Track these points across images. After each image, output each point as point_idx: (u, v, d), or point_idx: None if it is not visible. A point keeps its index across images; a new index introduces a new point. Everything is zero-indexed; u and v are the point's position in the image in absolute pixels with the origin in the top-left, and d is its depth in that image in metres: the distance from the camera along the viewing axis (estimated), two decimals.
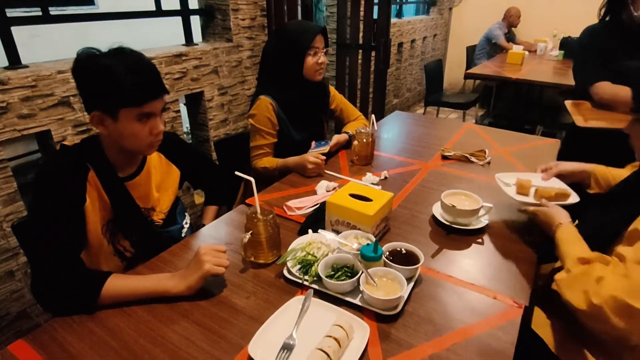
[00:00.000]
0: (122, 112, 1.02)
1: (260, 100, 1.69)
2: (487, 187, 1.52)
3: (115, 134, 1.06)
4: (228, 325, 0.92)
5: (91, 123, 1.06)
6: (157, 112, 1.08)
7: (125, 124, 1.04)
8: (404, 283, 0.96)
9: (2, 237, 1.75)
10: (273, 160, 1.73)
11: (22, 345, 0.88)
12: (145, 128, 1.06)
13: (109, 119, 1.04)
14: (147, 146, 1.11)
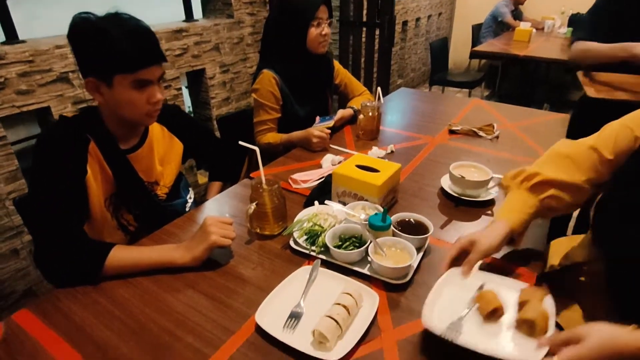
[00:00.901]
0: (117, 78, 0.98)
1: (263, 74, 1.65)
2: (496, 161, 1.49)
3: (112, 102, 1.02)
4: (234, 294, 0.91)
5: (86, 90, 1.02)
6: (154, 79, 1.03)
7: (121, 91, 1.00)
8: (413, 252, 0.93)
9: (5, 216, 1.74)
10: (277, 136, 1.70)
11: (26, 314, 0.86)
12: (141, 96, 1.02)
13: (103, 86, 1.00)
14: (145, 116, 1.06)
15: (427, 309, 0.80)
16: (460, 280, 0.87)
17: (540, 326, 0.74)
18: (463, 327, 0.77)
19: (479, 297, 0.83)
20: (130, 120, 1.08)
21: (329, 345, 0.76)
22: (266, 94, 1.65)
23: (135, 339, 0.80)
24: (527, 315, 0.75)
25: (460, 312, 0.81)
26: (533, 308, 0.77)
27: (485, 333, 0.78)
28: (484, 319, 0.80)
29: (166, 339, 0.80)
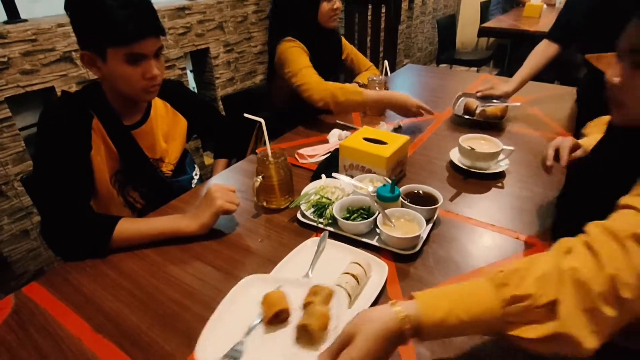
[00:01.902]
0: (110, 51, 0.95)
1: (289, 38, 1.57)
2: (506, 135, 1.46)
3: (108, 76, 1.00)
4: (241, 266, 0.90)
5: (83, 64, 1.00)
6: (149, 54, 0.99)
7: (115, 66, 0.97)
8: (422, 223, 0.92)
9: (14, 197, 1.75)
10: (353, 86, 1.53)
11: (36, 287, 0.87)
12: (136, 71, 0.99)
13: (99, 60, 0.98)
14: (142, 91, 1.03)
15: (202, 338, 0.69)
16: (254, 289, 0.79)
17: (317, 334, 0.66)
18: (246, 346, 0.69)
19: (263, 300, 0.74)
20: (128, 96, 1.06)
21: None
22: (303, 50, 1.57)
23: (144, 309, 0.80)
24: (303, 320, 0.68)
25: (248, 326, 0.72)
26: (311, 312, 0.68)
27: (270, 347, 0.69)
28: (266, 327, 0.72)
29: (175, 309, 0.80)
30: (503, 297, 0.56)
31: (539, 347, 0.55)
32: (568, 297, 0.53)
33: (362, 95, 1.48)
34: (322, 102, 1.49)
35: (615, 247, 0.55)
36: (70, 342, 0.74)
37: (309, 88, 1.50)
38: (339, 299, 0.74)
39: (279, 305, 0.71)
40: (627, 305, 0.53)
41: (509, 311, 0.56)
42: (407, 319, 0.57)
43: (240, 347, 0.68)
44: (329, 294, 0.73)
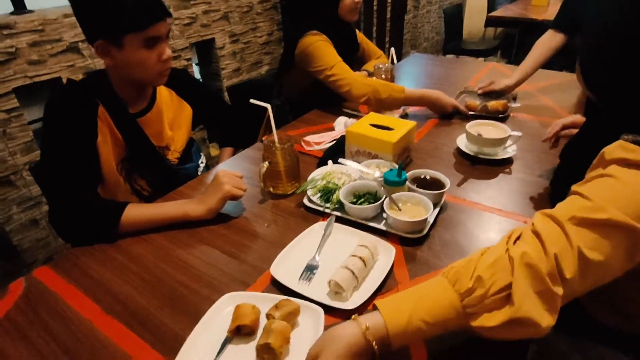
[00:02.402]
0: (127, 38, 0.97)
1: (314, 32, 1.55)
2: (513, 121, 1.45)
3: (123, 63, 1.01)
4: (248, 250, 0.91)
5: (96, 54, 1.01)
6: (163, 36, 1.02)
7: (132, 52, 0.99)
8: (429, 207, 0.91)
9: (23, 186, 1.77)
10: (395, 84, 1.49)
11: (46, 270, 0.88)
12: (153, 54, 1.01)
13: (114, 49, 0.98)
14: (157, 75, 1.06)
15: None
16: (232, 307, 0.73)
17: (276, 346, 0.63)
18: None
19: (234, 311, 0.71)
20: (141, 81, 1.07)
21: (345, 295, 0.75)
22: (330, 43, 1.55)
23: (153, 291, 0.81)
24: (261, 339, 0.64)
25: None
26: (269, 329, 0.64)
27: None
28: (236, 345, 0.69)
29: (183, 292, 0.81)
30: (459, 290, 0.58)
31: (502, 334, 0.57)
32: (521, 280, 0.55)
33: (405, 93, 1.45)
34: (363, 97, 1.46)
35: (557, 230, 0.57)
36: (80, 323, 0.75)
37: (348, 83, 1.47)
38: (314, 317, 0.71)
39: (241, 319, 0.68)
40: (570, 285, 0.55)
41: (467, 303, 0.57)
42: (370, 330, 0.57)
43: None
44: (295, 309, 0.70)
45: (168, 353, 0.68)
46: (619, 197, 0.56)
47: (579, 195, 0.60)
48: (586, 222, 0.56)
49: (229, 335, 0.69)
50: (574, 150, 0.90)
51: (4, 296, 0.82)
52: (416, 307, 0.58)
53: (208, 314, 0.73)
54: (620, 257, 0.56)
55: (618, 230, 0.55)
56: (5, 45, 1.59)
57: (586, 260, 0.55)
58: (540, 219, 0.61)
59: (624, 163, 0.59)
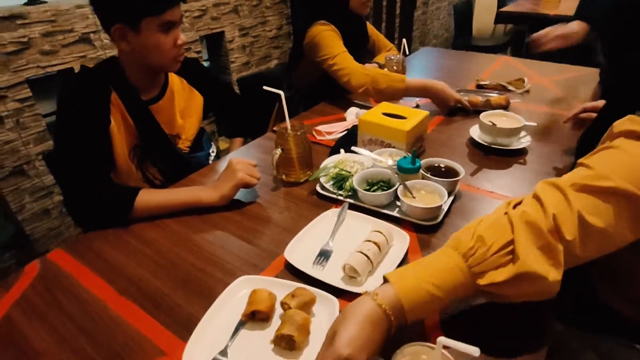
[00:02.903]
0: (144, 22, 0.98)
1: (322, 21, 1.55)
2: (528, 114, 1.43)
3: (139, 48, 1.02)
4: (262, 235, 0.91)
5: (113, 39, 1.01)
6: (177, 21, 1.03)
7: (149, 36, 1.00)
8: (443, 194, 0.91)
9: (35, 176, 1.78)
10: (396, 74, 1.45)
11: (61, 253, 0.88)
12: (168, 39, 1.02)
13: (131, 33, 0.99)
14: (172, 60, 1.07)
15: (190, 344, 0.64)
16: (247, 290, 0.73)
17: (299, 340, 0.62)
18: (231, 352, 0.64)
19: (250, 295, 0.70)
20: (156, 67, 1.08)
21: (360, 280, 0.75)
22: (337, 34, 1.54)
23: (167, 274, 0.81)
24: (282, 330, 0.63)
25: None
26: (291, 318, 0.64)
27: (252, 351, 0.65)
28: (250, 329, 0.68)
29: (197, 275, 0.81)
30: (461, 251, 0.58)
31: (512, 292, 0.57)
32: (523, 237, 0.56)
33: (405, 83, 1.40)
34: (361, 88, 1.43)
35: (557, 194, 0.58)
36: (95, 304, 0.75)
37: (348, 73, 1.45)
38: (329, 306, 0.70)
39: (257, 305, 0.68)
40: (572, 247, 0.56)
41: (471, 262, 0.57)
42: (381, 297, 0.56)
43: (223, 357, 0.63)
44: (311, 299, 0.69)
45: (182, 333, 0.68)
46: (623, 167, 0.56)
47: (583, 166, 0.61)
48: (588, 188, 0.57)
49: (243, 320, 0.69)
50: (590, 136, 0.89)
51: (20, 277, 0.82)
52: (424, 272, 0.58)
53: (223, 296, 0.72)
54: (623, 226, 0.56)
55: (620, 197, 0.55)
56: (18, 35, 1.61)
57: (586, 224, 0.55)
58: (541, 186, 0.62)
59: (631, 135, 0.59)
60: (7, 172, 1.70)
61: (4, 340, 0.69)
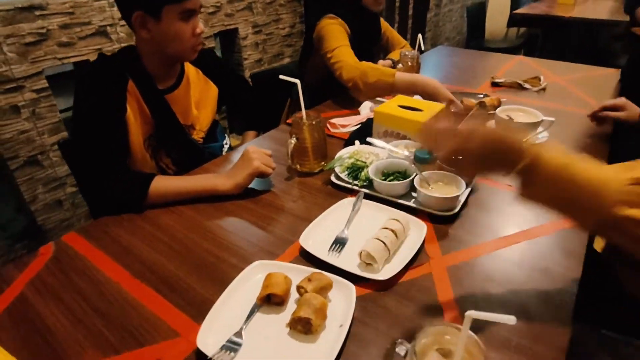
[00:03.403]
0: (165, 9, 0.98)
1: (330, 15, 1.55)
2: (544, 111, 1.41)
3: (159, 36, 1.02)
4: (276, 223, 0.90)
5: (133, 27, 1.02)
6: (197, 9, 1.03)
7: (169, 24, 1.00)
8: (461, 185, 0.89)
9: (49, 166, 1.80)
10: (387, 68, 1.41)
11: (75, 236, 0.88)
12: (188, 28, 1.03)
13: (151, 20, 1.00)
14: (190, 49, 1.07)
15: (204, 325, 0.64)
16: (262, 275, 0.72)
17: (316, 323, 0.61)
18: (245, 336, 0.63)
19: (265, 278, 0.69)
20: (174, 55, 1.08)
21: (376, 267, 0.74)
22: (342, 28, 1.54)
23: (181, 259, 0.81)
24: (299, 312, 0.62)
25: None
26: (308, 301, 0.63)
27: (267, 333, 0.64)
28: (265, 313, 0.67)
29: (211, 260, 0.80)
30: (632, 176, 0.53)
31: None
32: None
33: (394, 78, 1.37)
34: (351, 82, 1.41)
35: None
36: (110, 286, 0.75)
37: (340, 66, 1.44)
38: (345, 292, 0.69)
39: (272, 288, 0.67)
40: None
41: (632, 190, 0.52)
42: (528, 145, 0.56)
43: (238, 338, 0.62)
44: (328, 284, 0.68)
45: (196, 316, 0.67)
46: None
47: None
48: None
49: (258, 303, 0.68)
50: None
51: (35, 258, 0.82)
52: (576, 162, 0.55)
53: (238, 279, 0.72)
54: None
55: None
56: (37, 26, 1.62)
57: None
58: None
59: None
60: (22, 162, 1.71)
61: (18, 318, 0.69)
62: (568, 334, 0.63)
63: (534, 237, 0.83)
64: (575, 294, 0.69)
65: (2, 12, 1.53)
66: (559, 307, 0.67)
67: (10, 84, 1.61)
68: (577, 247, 0.80)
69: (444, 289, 0.71)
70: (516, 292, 0.70)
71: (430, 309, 0.67)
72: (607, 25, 3.25)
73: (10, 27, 1.56)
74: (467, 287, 0.72)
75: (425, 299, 0.69)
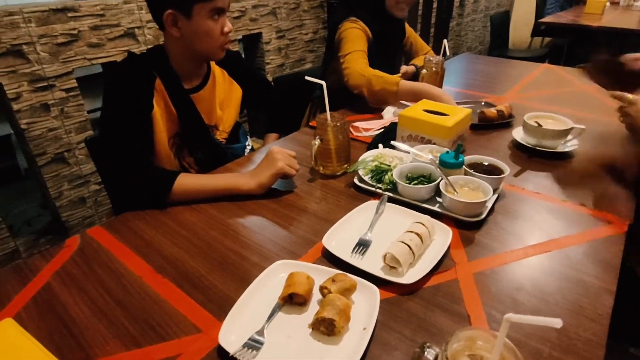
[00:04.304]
0: (196, 7, 1.00)
1: (353, 18, 1.56)
2: (576, 119, 1.37)
3: (189, 34, 1.04)
4: (299, 224, 0.89)
5: (165, 25, 1.03)
6: (226, 8, 1.05)
7: (200, 22, 1.02)
8: (488, 191, 0.87)
9: (75, 164, 1.84)
10: (393, 76, 1.41)
11: (100, 230, 0.89)
12: (217, 26, 1.04)
13: (182, 19, 1.01)
14: (219, 47, 1.09)
15: (226, 322, 0.63)
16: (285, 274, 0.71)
17: (339, 325, 0.60)
18: (267, 334, 0.62)
19: (287, 277, 0.69)
20: (203, 54, 1.09)
21: (401, 271, 0.72)
22: (362, 31, 1.55)
23: (203, 255, 0.81)
24: (323, 313, 0.61)
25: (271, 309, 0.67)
26: (331, 302, 0.62)
27: (288, 332, 0.63)
28: (286, 312, 0.66)
29: (233, 257, 0.80)
30: None
31: None
32: None
33: (398, 86, 1.38)
34: (357, 89, 1.43)
35: None
36: (132, 279, 0.75)
37: (349, 73, 1.46)
38: (369, 295, 0.67)
39: (295, 287, 0.66)
40: None
41: None
42: None
43: (260, 337, 0.62)
44: (352, 286, 0.67)
45: (218, 313, 0.67)
46: None
47: None
48: None
49: (280, 302, 0.67)
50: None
51: (61, 250, 0.84)
52: None
53: (260, 278, 0.71)
54: None
55: None
56: (69, 27, 1.67)
57: None
58: None
59: None
60: (49, 159, 1.75)
61: (44, 307, 0.70)
62: (603, 349, 0.60)
63: (564, 246, 0.80)
64: (611, 307, 0.66)
65: (37, 13, 1.58)
66: (593, 320, 0.64)
67: (41, 82, 1.66)
68: (612, 259, 0.76)
69: (471, 296, 0.69)
70: (547, 302, 0.68)
71: (456, 315, 0.65)
72: (636, 35, 3.16)
73: (44, 28, 1.61)
74: (495, 294, 0.69)
75: (451, 304, 0.67)
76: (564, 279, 0.72)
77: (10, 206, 2.33)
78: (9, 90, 1.59)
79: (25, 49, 1.59)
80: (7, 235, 1.74)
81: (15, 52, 1.57)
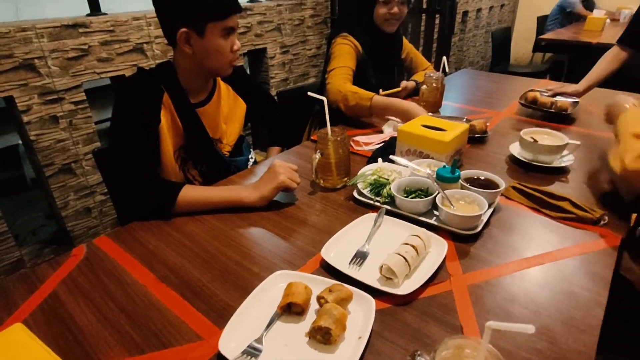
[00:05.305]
0: (209, 26, 1.04)
1: (346, 35, 1.62)
2: (572, 135, 1.40)
3: (201, 52, 1.08)
4: (299, 235, 0.92)
5: (178, 42, 1.06)
6: (236, 27, 1.09)
7: (212, 40, 1.06)
8: (483, 205, 0.89)
9: (81, 175, 1.88)
10: (367, 92, 1.49)
11: (105, 240, 0.92)
12: (227, 44, 1.09)
13: (195, 37, 1.05)
14: (228, 64, 1.13)
15: (227, 330, 0.65)
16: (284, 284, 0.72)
17: (335, 333, 0.62)
18: (265, 342, 0.64)
19: (286, 287, 0.70)
20: (213, 70, 1.14)
21: (397, 282, 0.74)
22: (351, 46, 1.61)
23: (205, 265, 0.83)
24: (319, 322, 0.62)
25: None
26: (328, 311, 0.63)
27: (287, 345, 0.64)
28: (285, 322, 0.68)
29: (234, 268, 0.82)
30: None
31: None
32: None
33: (371, 101, 1.47)
34: (334, 104, 1.51)
35: None
36: (136, 288, 0.78)
37: (329, 89, 1.54)
38: (365, 305, 0.69)
39: (293, 297, 0.68)
40: None
41: None
42: None
43: (259, 344, 0.63)
44: (348, 296, 0.69)
45: (218, 321, 0.69)
46: None
47: None
48: None
49: (279, 311, 0.69)
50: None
51: (68, 259, 0.86)
52: None
53: (260, 287, 0.73)
54: None
55: None
56: (80, 42, 1.73)
57: None
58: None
59: None
60: (57, 169, 1.79)
61: (50, 314, 0.72)
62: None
63: (558, 259, 0.82)
64: (601, 319, 0.68)
65: (49, 28, 1.64)
66: (583, 332, 0.66)
67: (51, 95, 1.71)
68: (604, 272, 0.78)
69: (465, 307, 0.71)
70: (539, 313, 0.69)
71: (450, 326, 0.67)
72: None
73: (56, 43, 1.66)
74: (488, 306, 0.71)
75: (445, 315, 0.69)
76: (557, 291, 0.74)
77: (16, 216, 2.37)
78: (20, 102, 1.64)
79: (37, 63, 1.64)
80: (12, 244, 1.78)
81: (27, 66, 1.63)
